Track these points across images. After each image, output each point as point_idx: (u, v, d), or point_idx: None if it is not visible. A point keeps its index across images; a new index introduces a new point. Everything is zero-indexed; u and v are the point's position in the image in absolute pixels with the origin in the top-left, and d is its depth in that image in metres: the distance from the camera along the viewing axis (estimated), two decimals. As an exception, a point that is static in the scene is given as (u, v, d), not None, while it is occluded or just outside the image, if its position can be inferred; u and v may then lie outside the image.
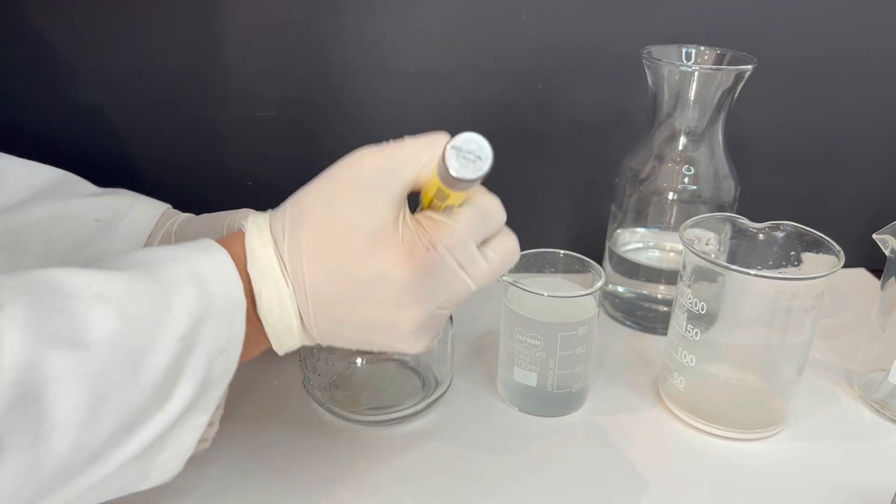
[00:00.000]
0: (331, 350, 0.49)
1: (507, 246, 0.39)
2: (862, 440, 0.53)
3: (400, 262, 0.35)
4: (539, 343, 0.51)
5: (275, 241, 0.36)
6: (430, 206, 0.38)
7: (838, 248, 0.50)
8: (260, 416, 0.52)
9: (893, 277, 0.54)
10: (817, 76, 0.70)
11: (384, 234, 0.35)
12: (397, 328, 0.37)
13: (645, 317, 0.65)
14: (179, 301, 0.33)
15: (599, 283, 0.51)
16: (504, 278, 0.52)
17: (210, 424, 0.36)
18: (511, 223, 0.76)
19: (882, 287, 0.56)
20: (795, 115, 0.72)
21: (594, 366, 0.57)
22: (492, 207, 0.38)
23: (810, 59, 0.69)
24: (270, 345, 0.38)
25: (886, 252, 0.54)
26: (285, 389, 0.55)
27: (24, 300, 0.29)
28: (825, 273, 0.47)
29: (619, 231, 0.65)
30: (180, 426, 0.34)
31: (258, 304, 0.36)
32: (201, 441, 0.36)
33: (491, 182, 0.81)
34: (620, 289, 0.65)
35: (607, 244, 0.66)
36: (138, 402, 0.31)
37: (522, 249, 0.54)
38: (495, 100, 0.68)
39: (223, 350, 0.34)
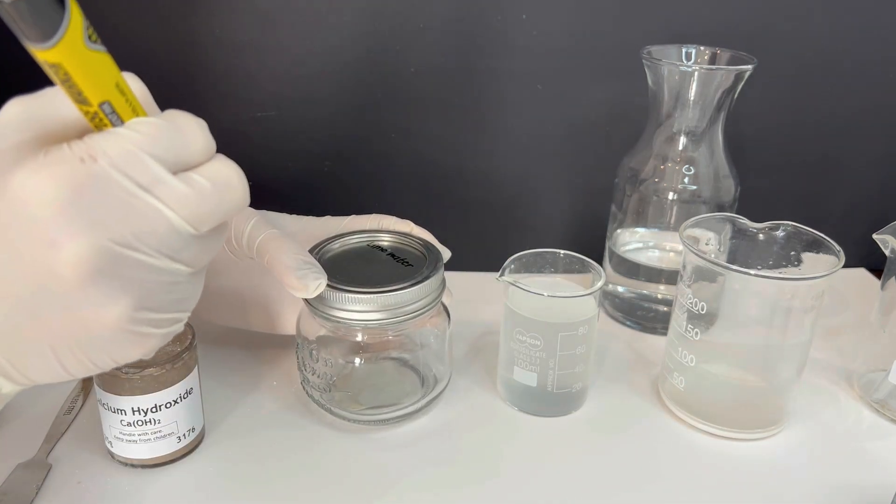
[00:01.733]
0: (329, 350, 0.49)
1: (221, 170, 0.30)
2: (862, 440, 0.53)
3: (36, 181, 0.27)
4: (539, 343, 0.51)
5: None
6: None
7: (838, 247, 0.50)
8: (259, 418, 0.52)
9: (893, 277, 0.54)
10: (817, 76, 0.70)
11: (11, 167, 0.27)
12: (60, 280, 0.27)
13: (645, 317, 0.65)
14: None
15: (599, 283, 0.51)
16: (504, 278, 0.52)
17: None
18: (511, 223, 0.76)
19: (882, 287, 0.56)
20: (795, 115, 0.72)
21: (594, 366, 0.57)
22: (182, 121, 0.30)
23: (810, 59, 0.69)
24: None
25: (886, 252, 0.54)
26: (284, 391, 0.55)
27: None
28: (825, 273, 0.47)
29: (619, 231, 0.65)
30: None
31: None
32: None
33: (492, 181, 0.80)
34: (620, 289, 0.65)
35: (607, 244, 0.66)
36: None
37: (522, 249, 0.55)
38: (495, 100, 0.68)
39: None
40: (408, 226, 0.53)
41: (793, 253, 0.52)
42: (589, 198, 0.72)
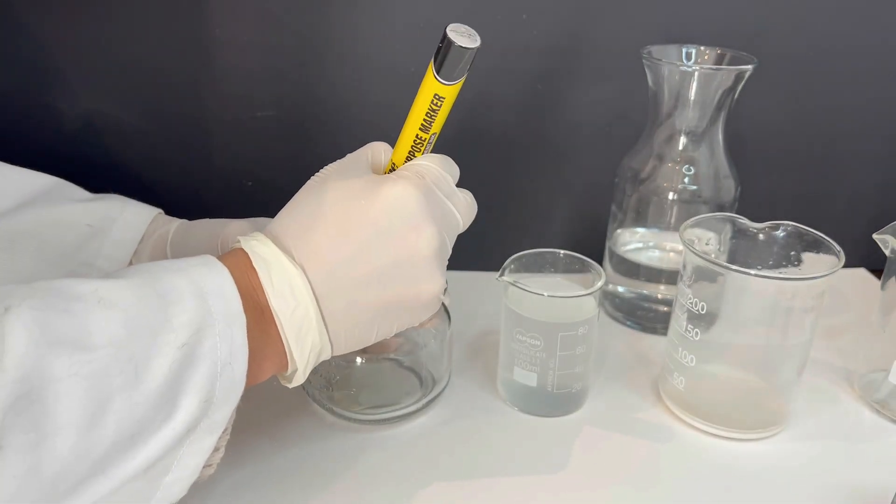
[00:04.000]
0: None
1: (467, 193, 0.43)
2: (862, 440, 0.53)
3: (405, 187, 0.38)
4: (539, 343, 0.51)
5: (275, 241, 0.38)
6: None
7: (838, 247, 0.50)
8: (258, 417, 0.52)
9: (894, 277, 0.54)
10: (817, 76, 0.70)
11: (378, 179, 0.39)
12: (418, 255, 0.38)
13: (645, 317, 0.64)
14: (179, 311, 0.33)
15: (599, 283, 0.51)
16: (504, 278, 0.52)
17: (216, 450, 0.36)
18: (511, 223, 0.76)
19: (882, 287, 0.56)
20: (796, 115, 0.72)
21: (594, 366, 0.57)
22: (448, 158, 0.42)
23: (810, 59, 0.69)
24: (286, 362, 0.38)
25: (886, 252, 0.54)
26: (283, 390, 0.55)
27: (30, 303, 0.30)
28: (825, 273, 0.47)
29: (619, 231, 0.65)
30: (186, 447, 0.34)
31: (270, 300, 0.36)
32: (206, 466, 0.36)
33: (492, 181, 0.80)
34: (620, 289, 0.65)
35: (607, 244, 0.66)
36: (141, 411, 0.31)
37: (522, 249, 0.55)
38: (495, 100, 0.68)
39: (226, 364, 0.34)
40: None
41: (793, 253, 0.52)
42: (589, 198, 0.72)
